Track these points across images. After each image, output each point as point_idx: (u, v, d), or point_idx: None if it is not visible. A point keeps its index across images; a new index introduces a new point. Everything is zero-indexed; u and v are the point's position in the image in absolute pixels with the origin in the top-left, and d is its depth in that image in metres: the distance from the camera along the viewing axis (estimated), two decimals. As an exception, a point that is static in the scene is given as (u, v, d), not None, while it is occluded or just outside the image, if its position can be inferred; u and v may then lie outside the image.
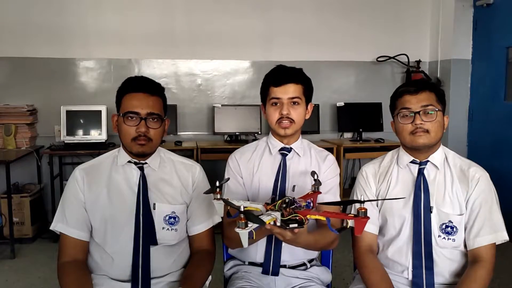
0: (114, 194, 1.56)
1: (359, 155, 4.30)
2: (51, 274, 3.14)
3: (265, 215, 1.23)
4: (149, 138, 1.53)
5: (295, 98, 1.65)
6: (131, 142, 1.53)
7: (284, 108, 1.64)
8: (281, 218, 1.25)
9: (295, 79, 1.65)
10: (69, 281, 1.47)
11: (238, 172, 1.74)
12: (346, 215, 1.20)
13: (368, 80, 4.55)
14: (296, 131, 1.70)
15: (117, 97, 1.59)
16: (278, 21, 4.33)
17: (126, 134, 1.53)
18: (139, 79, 1.60)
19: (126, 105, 1.54)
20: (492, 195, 1.59)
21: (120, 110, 1.56)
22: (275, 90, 1.65)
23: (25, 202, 3.72)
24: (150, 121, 1.53)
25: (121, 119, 1.54)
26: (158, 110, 1.55)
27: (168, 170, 1.64)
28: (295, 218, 1.25)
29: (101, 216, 1.55)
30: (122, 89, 1.58)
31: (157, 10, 4.15)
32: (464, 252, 1.59)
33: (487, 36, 4.19)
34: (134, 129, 1.52)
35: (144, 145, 1.53)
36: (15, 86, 4.01)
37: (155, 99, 1.56)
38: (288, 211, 1.25)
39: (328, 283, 1.79)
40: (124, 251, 1.53)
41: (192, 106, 4.29)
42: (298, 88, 1.66)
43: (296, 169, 1.71)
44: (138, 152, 1.55)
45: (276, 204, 1.25)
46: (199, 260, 1.62)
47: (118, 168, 1.60)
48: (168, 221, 1.58)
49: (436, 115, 1.55)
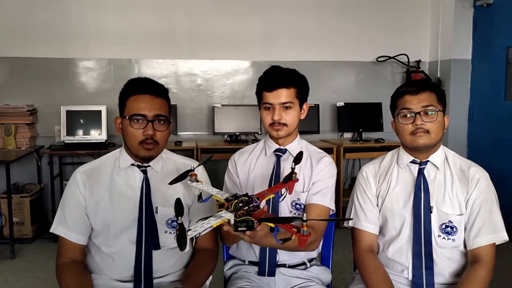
0: (116, 198, 1.55)
1: (359, 155, 4.30)
2: (51, 274, 3.13)
3: (214, 217, 1.18)
4: (155, 142, 1.50)
5: (287, 103, 1.64)
6: (138, 146, 1.50)
7: (276, 114, 1.64)
8: (235, 219, 1.19)
9: (287, 83, 1.64)
10: (69, 280, 1.46)
11: (235, 173, 1.77)
12: (290, 228, 1.13)
13: (368, 80, 4.55)
14: (289, 133, 1.69)
15: (121, 99, 1.55)
16: (278, 21, 4.33)
17: (133, 137, 1.50)
18: (144, 81, 1.57)
19: (131, 108, 1.50)
20: (492, 195, 1.59)
21: (124, 113, 1.52)
22: (267, 95, 1.65)
23: (25, 202, 3.72)
24: (157, 124, 1.50)
25: (127, 122, 1.50)
26: (165, 112, 1.53)
27: (171, 171, 1.62)
28: (247, 220, 1.19)
29: (103, 220, 1.53)
30: (125, 90, 1.54)
31: (157, 10, 4.15)
32: (464, 252, 1.59)
33: (487, 36, 4.19)
34: (141, 132, 1.49)
35: (151, 149, 1.51)
36: (15, 86, 4.01)
37: (161, 101, 1.53)
38: (241, 213, 1.19)
39: (328, 283, 1.79)
40: (126, 254, 1.52)
41: (192, 106, 4.30)
42: (290, 92, 1.65)
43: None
44: (145, 156, 1.52)
45: (232, 203, 1.20)
46: (201, 259, 1.61)
47: (120, 171, 1.57)
48: (171, 224, 1.57)
49: (436, 115, 1.55)
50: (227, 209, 1.21)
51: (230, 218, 1.19)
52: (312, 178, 1.70)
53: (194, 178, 1.39)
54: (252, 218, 1.18)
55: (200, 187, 1.37)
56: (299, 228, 1.11)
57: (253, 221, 1.18)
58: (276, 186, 1.42)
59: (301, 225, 1.10)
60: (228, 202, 1.22)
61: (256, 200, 1.23)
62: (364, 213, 1.67)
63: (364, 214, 1.66)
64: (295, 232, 1.12)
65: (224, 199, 1.24)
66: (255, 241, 1.30)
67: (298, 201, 1.68)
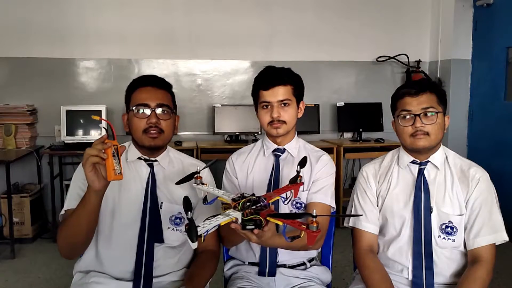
0: (122, 190, 1.55)
1: (359, 155, 4.30)
2: (51, 274, 3.14)
3: (222, 215, 1.18)
4: (160, 130, 1.53)
5: (284, 100, 1.65)
6: (142, 135, 1.53)
7: (274, 111, 1.65)
8: (242, 218, 1.19)
9: (284, 81, 1.66)
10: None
11: (233, 173, 1.77)
12: (299, 225, 1.13)
13: (368, 80, 4.55)
14: (288, 131, 1.70)
15: (126, 96, 1.60)
16: (278, 21, 4.33)
17: (137, 127, 1.53)
18: (148, 76, 1.63)
19: (135, 99, 1.55)
20: (492, 196, 1.59)
21: (130, 107, 1.57)
22: (264, 93, 1.66)
23: (25, 202, 3.72)
24: (160, 114, 1.54)
25: (132, 114, 1.54)
26: (168, 102, 1.57)
27: (177, 170, 1.63)
28: (255, 219, 1.19)
29: (109, 210, 1.53)
30: (130, 87, 1.60)
31: (157, 10, 4.15)
32: (464, 252, 1.59)
33: (487, 36, 4.19)
34: (144, 121, 1.52)
35: (156, 137, 1.53)
36: (15, 86, 4.01)
37: (164, 92, 1.59)
38: (249, 212, 1.19)
39: (328, 283, 1.79)
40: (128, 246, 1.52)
41: (192, 106, 4.29)
42: (287, 90, 1.66)
43: (290, 169, 1.70)
44: (150, 145, 1.54)
45: (240, 203, 1.20)
46: (203, 260, 1.61)
47: (127, 164, 1.58)
48: (174, 221, 1.58)
49: (436, 117, 1.55)
50: (234, 208, 1.21)
51: (237, 217, 1.18)
52: (312, 176, 1.70)
53: (200, 180, 1.39)
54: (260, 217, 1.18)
55: (206, 189, 1.37)
56: (308, 224, 1.11)
57: (261, 220, 1.18)
58: (282, 188, 1.42)
59: (311, 221, 1.10)
60: (235, 201, 1.22)
61: (264, 200, 1.22)
62: (364, 213, 1.67)
63: (364, 214, 1.66)
64: (304, 228, 1.12)
65: (231, 199, 1.24)
66: (262, 241, 1.29)
67: (298, 200, 1.68)
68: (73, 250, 1.51)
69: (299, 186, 1.44)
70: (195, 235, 1.07)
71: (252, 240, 1.26)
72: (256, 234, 1.21)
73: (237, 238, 1.57)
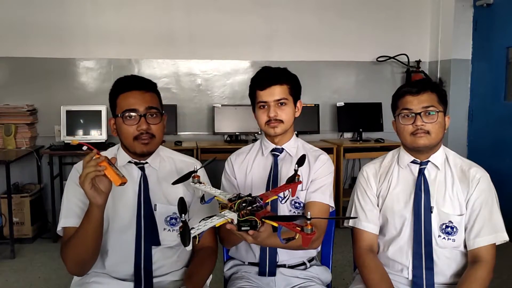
0: (116, 195, 1.54)
1: (359, 155, 4.30)
2: (51, 274, 3.14)
3: (217, 217, 1.17)
4: (152, 135, 1.51)
5: (281, 100, 1.65)
6: (134, 142, 1.50)
7: (271, 111, 1.65)
8: (238, 218, 1.18)
9: (280, 80, 1.66)
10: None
11: (232, 174, 1.77)
12: (294, 227, 1.12)
13: (368, 80, 4.55)
14: (285, 130, 1.70)
15: (111, 100, 1.56)
16: (278, 21, 4.33)
17: (126, 134, 1.50)
18: (130, 78, 1.58)
19: (122, 105, 1.51)
20: (493, 196, 1.59)
21: (116, 112, 1.53)
22: (261, 93, 1.66)
23: (25, 202, 3.72)
24: (149, 118, 1.50)
25: (120, 120, 1.51)
26: (156, 105, 1.53)
27: (169, 169, 1.62)
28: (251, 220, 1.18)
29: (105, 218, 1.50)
30: (114, 90, 1.56)
31: (157, 10, 4.15)
32: (464, 252, 1.59)
33: (487, 36, 4.19)
34: (134, 127, 1.49)
35: (148, 143, 1.51)
36: (15, 86, 4.01)
37: (151, 94, 1.54)
38: (245, 212, 1.18)
39: (328, 283, 1.79)
40: (126, 251, 1.52)
41: (192, 106, 4.29)
42: (284, 89, 1.66)
43: (288, 169, 1.70)
44: (143, 151, 1.52)
45: (235, 203, 1.20)
46: (202, 258, 1.61)
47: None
48: (169, 222, 1.57)
49: (437, 116, 1.55)
50: (230, 209, 1.20)
51: (233, 218, 1.18)
52: (310, 176, 1.70)
53: (197, 179, 1.39)
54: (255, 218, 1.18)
55: (203, 189, 1.37)
56: (303, 227, 1.10)
57: (256, 221, 1.18)
58: (279, 187, 1.42)
59: (305, 223, 1.10)
60: (231, 202, 1.21)
61: (260, 201, 1.22)
62: (365, 213, 1.67)
63: (365, 214, 1.66)
64: (298, 231, 1.11)
65: (227, 199, 1.24)
66: (258, 242, 1.28)
67: (297, 200, 1.68)
68: (84, 267, 1.50)
69: (296, 185, 1.43)
70: (188, 239, 1.07)
71: (248, 240, 1.26)
72: (252, 235, 1.21)
73: (236, 239, 1.57)
